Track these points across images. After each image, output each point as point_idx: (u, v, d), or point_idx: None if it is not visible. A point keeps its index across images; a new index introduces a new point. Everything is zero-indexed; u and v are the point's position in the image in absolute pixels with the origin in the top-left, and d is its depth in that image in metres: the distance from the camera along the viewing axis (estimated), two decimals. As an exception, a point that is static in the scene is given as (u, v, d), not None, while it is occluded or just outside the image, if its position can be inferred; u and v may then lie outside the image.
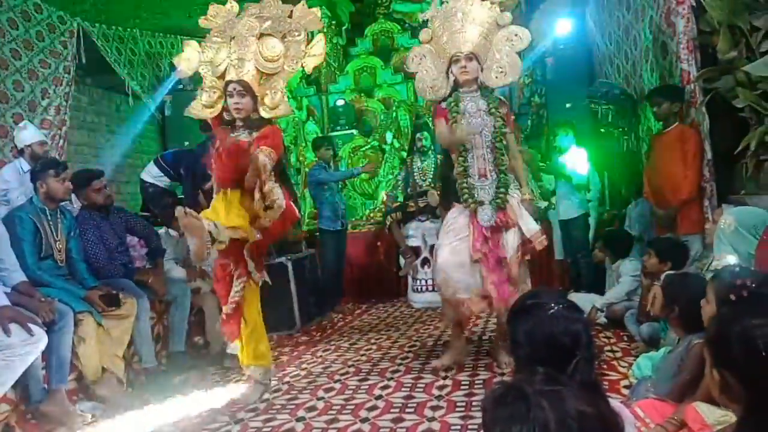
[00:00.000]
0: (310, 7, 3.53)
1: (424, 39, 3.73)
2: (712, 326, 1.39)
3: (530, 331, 1.46)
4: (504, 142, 3.50)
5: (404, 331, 4.78)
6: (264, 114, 3.22)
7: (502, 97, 3.73)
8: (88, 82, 6.63)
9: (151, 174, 4.96)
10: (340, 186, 6.14)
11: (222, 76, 3.21)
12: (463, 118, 3.48)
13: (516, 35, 3.53)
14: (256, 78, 3.20)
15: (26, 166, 4.37)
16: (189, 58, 3.32)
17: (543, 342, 1.42)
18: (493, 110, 3.49)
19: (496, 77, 3.55)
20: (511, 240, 3.45)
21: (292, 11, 3.38)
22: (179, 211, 2.78)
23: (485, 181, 3.50)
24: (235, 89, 3.14)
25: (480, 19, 3.51)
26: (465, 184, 3.50)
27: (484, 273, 3.41)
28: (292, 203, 3.34)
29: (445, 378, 3.33)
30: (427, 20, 3.71)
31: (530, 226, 3.47)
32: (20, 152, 4.50)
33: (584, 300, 4.26)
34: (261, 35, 3.24)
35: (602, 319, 4.24)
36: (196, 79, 3.71)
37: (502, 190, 3.47)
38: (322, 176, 5.77)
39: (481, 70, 3.53)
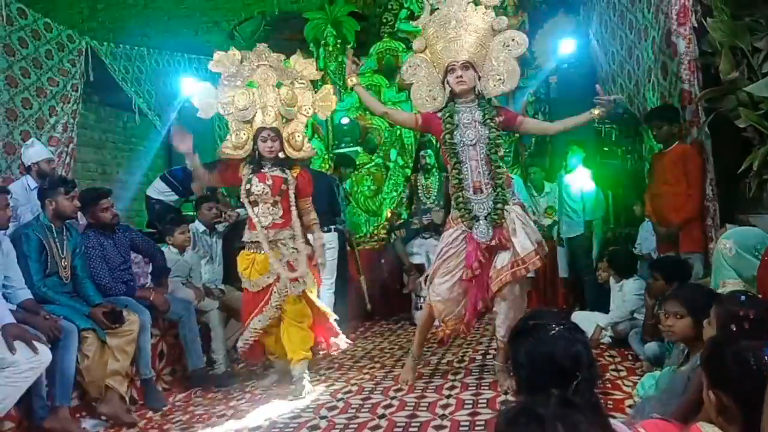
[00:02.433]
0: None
1: (417, 48, 3.65)
2: (707, 348, 1.40)
3: (531, 352, 1.46)
4: (498, 154, 3.42)
5: (408, 349, 4.74)
6: (291, 155, 3.76)
7: (500, 106, 3.65)
8: (95, 100, 6.71)
9: (158, 190, 5.01)
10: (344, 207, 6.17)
11: (248, 121, 3.66)
12: (457, 130, 3.42)
13: (513, 40, 3.44)
14: (279, 123, 3.67)
15: (33, 183, 4.42)
16: (207, 99, 3.71)
17: (544, 363, 1.42)
18: (487, 121, 3.41)
19: (495, 85, 3.46)
20: (502, 259, 3.38)
21: (282, 59, 3.86)
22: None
23: (480, 195, 3.41)
24: (269, 135, 3.62)
25: (475, 26, 3.42)
26: (460, 199, 3.44)
27: (470, 294, 3.41)
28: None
29: (448, 397, 3.32)
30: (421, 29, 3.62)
31: (524, 245, 3.35)
32: (27, 169, 4.55)
33: (588, 319, 4.26)
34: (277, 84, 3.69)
35: (607, 338, 4.23)
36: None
37: (499, 205, 3.38)
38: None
39: (479, 79, 3.44)
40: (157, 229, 4.71)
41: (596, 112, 3.36)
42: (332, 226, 5.39)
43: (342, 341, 3.94)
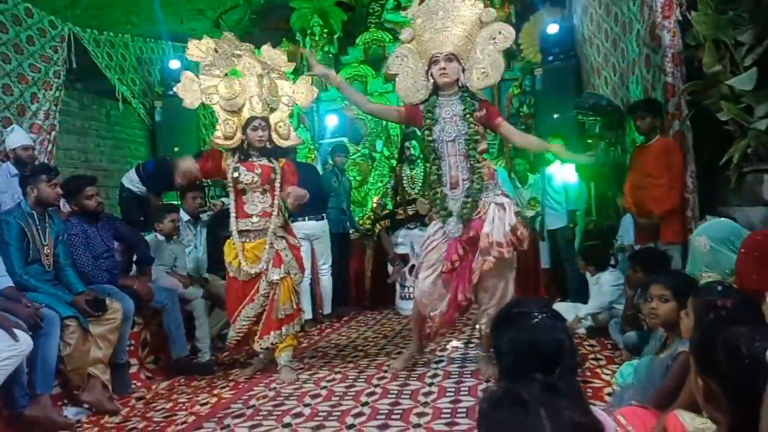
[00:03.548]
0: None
1: (405, 38, 3.62)
2: (698, 334, 1.42)
3: (514, 340, 1.47)
4: (477, 149, 3.40)
5: (391, 338, 4.79)
6: (279, 144, 3.81)
7: (485, 99, 3.63)
8: (78, 86, 6.63)
9: (130, 179, 5.04)
10: (348, 193, 6.21)
11: (235, 111, 3.69)
12: (437, 125, 3.42)
13: (500, 33, 3.39)
14: (267, 112, 3.72)
15: (13, 170, 4.37)
16: (191, 89, 3.73)
17: (527, 350, 1.43)
18: (467, 116, 3.39)
19: (478, 78, 3.42)
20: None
21: (251, 48, 3.91)
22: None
23: (456, 192, 3.43)
24: (259, 124, 3.67)
25: (462, 18, 3.39)
26: (438, 194, 3.46)
27: (452, 288, 3.41)
28: None
29: (431, 385, 3.35)
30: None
31: (486, 230, 3.29)
32: (7, 156, 4.51)
33: (569, 309, 4.32)
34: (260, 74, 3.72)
35: (582, 329, 4.27)
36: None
37: (469, 200, 3.38)
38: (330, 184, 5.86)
39: (463, 71, 3.42)
40: (130, 220, 4.65)
41: (557, 149, 3.64)
42: (322, 214, 5.44)
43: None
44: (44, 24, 5.66)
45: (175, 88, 3.83)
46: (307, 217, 5.21)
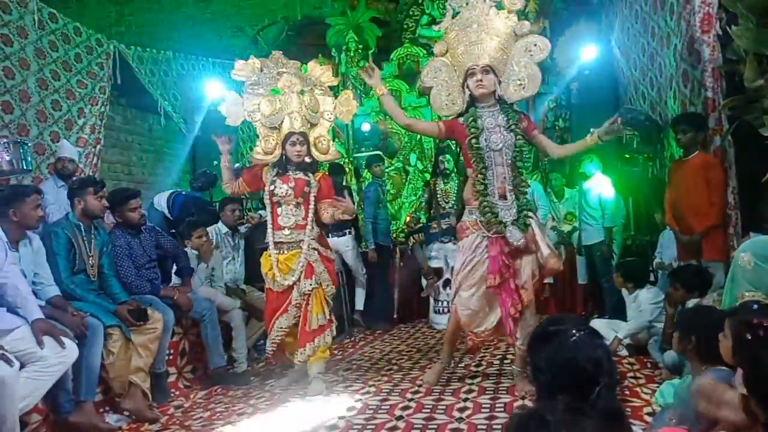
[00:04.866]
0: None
1: (438, 51, 3.63)
2: (748, 350, 1.39)
3: (552, 358, 1.45)
4: (523, 161, 3.41)
5: (425, 352, 4.78)
6: (318, 159, 3.89)
7: (522, 111, 3.64)
8: (122, 102, 6.84)
9: (159, 202, 5.25)
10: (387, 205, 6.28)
11: (275, 127, 3.79)
12: (482, 134, 3.39)
13: (535, 45, 3.41)
14: (306, 128, 3.80)
15: (60, 182, 4.55)
16: (234, 108, 3.86)
17: (565, 368, 1.41)
18: (512, 126, 3.39)
19: (515, 90, 3.44)
20: (526, 265, 3.39)
21: (298, 66, 4.01)
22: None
23: (506, 202, 3.40)
24: (297, 139, 3.75)
25: (497, 30, 3.40)
26: (486, 204, 3.40)
27: (499, 303, 3.39)
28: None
29: (465, 400, 3.34)
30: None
31: (544, 250, 3.37)
32: (55, 168, 4.72)
33: (607, 326, 4.25)
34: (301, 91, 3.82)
35: (623, 351, 4.19)
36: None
37: (524, 212, 3.38)
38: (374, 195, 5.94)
39: (499, 83, 3.42)
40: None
41: (594, 136, 3.39)
42: (344, 231, 5.50)
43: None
44: (92, 42, 5.88)
45: (220, 107, 3.94)
46: (330, 234, 5.20)
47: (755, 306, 2.04)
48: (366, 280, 5.89)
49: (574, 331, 1.51)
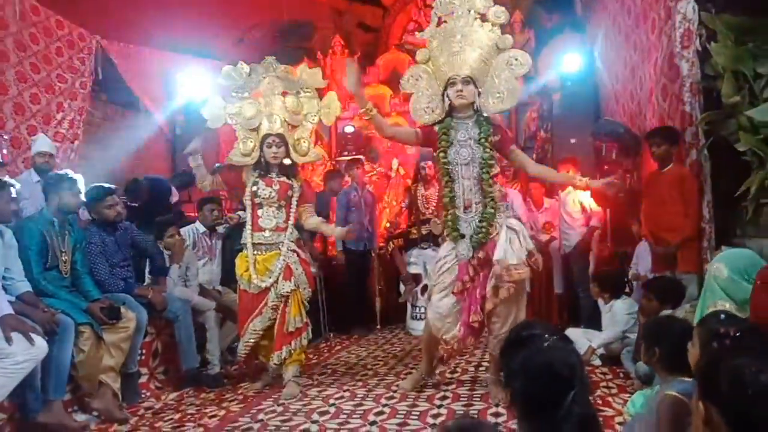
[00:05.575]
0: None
1: (420, 59, 3.65)
2: (703, 359, 1.40)
3: (526, 363, 1.43)
4: (490, 175, 3.41)
5: (401, 358, 4.78)
6: (297, 160, 3.89)
7: (499, 125, 3.66)
8: (102, 98, 6.74)
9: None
10: (370, 207, 6.18)
11: (254, 129, 3.79)
12: (451, 148, 3.44)
13: (516, 59, 3.45)
14: (285, 130, 3.80)
15: (35, 177, 4.46)
16: (215, 110, 3.87)
17: (539, 373, 1.39)
18: (482, 140, 3.42)
19: (493, 103, 3.48)
20: (489, 277, 3.36)
21: (290, 69, 4.02)
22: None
23: (469, 213, 3.44)
24: (274, 141, 3.75)
25: (480, 42, 3.43)
26: (450, 216, 3.47)
27: (464, 309, 3.40)
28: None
29: (440, 407, 3.33)
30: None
31: (500, 256, 3.28)
32: (32, 163, 4.64)
33: (581, 336, 4.28)
34: (283, 93, 3.84)
35: (597, 360, 4.22)
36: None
37: (484, 224, 3.39)
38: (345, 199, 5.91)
39: (479, 95, 3.46)
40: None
41: (584, 182, 3.66)
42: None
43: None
44: (73, 36, 5.80)
45: (201, 111, 3.94)
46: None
47: (722, 315, 2.07)
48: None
49: (547, 336, 1.52)
